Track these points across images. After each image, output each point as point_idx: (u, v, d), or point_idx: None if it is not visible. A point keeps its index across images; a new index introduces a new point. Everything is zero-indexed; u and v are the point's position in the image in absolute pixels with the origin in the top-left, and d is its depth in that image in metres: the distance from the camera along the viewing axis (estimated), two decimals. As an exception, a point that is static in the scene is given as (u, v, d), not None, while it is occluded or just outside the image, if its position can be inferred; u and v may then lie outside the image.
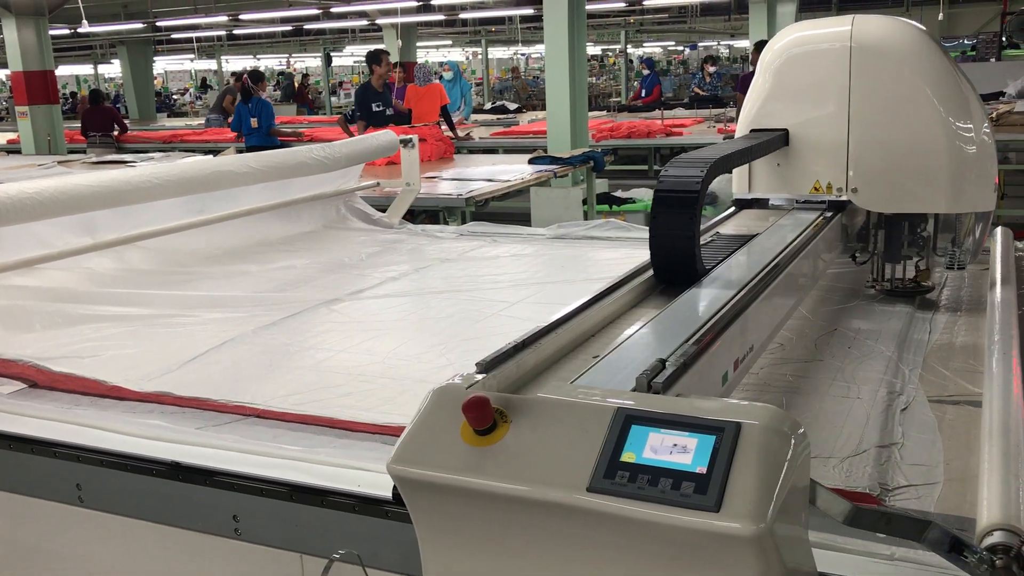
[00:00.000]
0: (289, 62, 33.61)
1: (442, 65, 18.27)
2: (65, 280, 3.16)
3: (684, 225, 2.00)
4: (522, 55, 33.90)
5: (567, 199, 7.52)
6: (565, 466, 1.15)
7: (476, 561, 1.25)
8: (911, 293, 2.90)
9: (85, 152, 11.54)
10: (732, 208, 2.90)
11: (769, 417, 1.14)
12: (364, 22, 19.10)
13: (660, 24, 26.21)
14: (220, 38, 24.74)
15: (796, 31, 2.82)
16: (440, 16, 17.78)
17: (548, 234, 4.18)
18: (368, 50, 9.93)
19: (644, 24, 25.80)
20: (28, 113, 12.17)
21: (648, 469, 1.11)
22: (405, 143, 4.61)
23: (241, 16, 15.93)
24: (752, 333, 1.90)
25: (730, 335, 1.74)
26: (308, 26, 20.86)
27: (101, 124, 12.68)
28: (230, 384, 2.31)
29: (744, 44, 25.05)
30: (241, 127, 9.95)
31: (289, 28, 20.84)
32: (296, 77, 26.93)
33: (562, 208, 7.36)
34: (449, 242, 4.14)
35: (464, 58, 32.15)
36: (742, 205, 2.90)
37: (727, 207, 2.93)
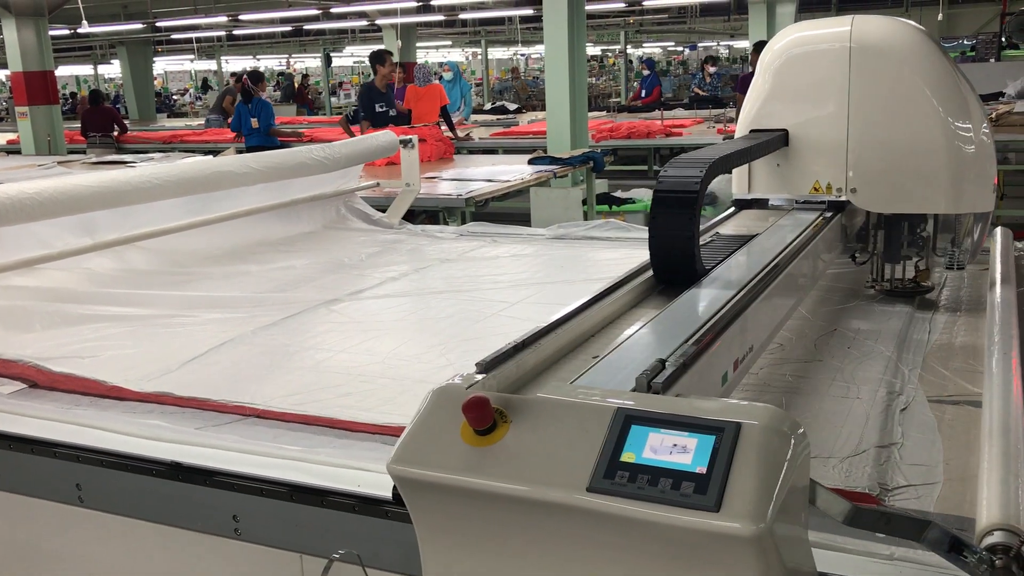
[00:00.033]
0: (289, 63, 33.61)
1: (442, 65, 18.28)
2: (65, 280, 3.16)
3: (684, 225, 2.00)
4: (522, 55, 33.90)
5: (567, 199, 7.52)
6: (565, 466, 1.15)
7: (476, 561, 1.25)
8: (911, 293, 2.91)
9: (85, 152, 11.54)
10: (732, 208, 2.90)
11: (769, 417, 1.14)
12: (364, 22, 19.11)
13: (660, 24, 26.22)
14: (220, 38, 24.74)
15: (796, 31, 2.82)
16: (440, 16, 17.79)
17: (548, 234, 4.18)
18: (371, 50, 9.93)
19: (644, 24, 25.80)
20: (28, 113, 12.17)
21: (648, 469, 1.12)
22: (405, 143, 4.61)
23: (241, 16, 15.92)
24: (752, 333, 1.90)
25: (730, 335, 1.74)
26: (308, 27, 20.86)
27: (101, 124, 12.68)
28: (230, 384, 2.31)
29: (744, 44, 25.06)
30: (241, 127, 9.95)
31: (289, 28, 20.84)
32: (296, 78, 26.93)
33: (562, 208, 7.36)
34: (449, 242, 4.14)
35: (464, 58, 32.16)
36: (742, 205, 2.90)
37: (727, 207, 2.93)
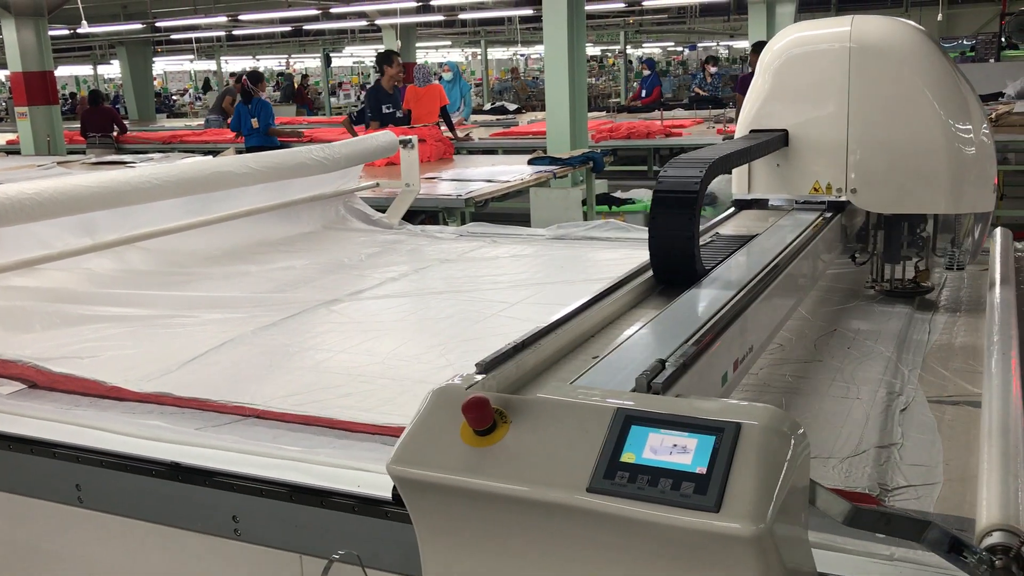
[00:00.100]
0: (288, 63, 33.62)
1: (441, 66, 18.27)
2: (65, 281, 3.16)
3: (683, 226, 2.00)
4: (521, 56, 33.90)
5: (566, 200, 7.52)
6: (565, 466, 1.15)
7: (476, 561, 1.25)
8: (910, 294, 2.91)
9: (84, 153, 11.54)
10: (731, 209, 2.90)
11: (769, 417, 1.14)
12: (363, 23, 19.11)
13: (659, 25, 26.23)
14: (219, 39, 24.74)
15: (795, 32, 2.82)
16: (439, 17, 17.79)
17: (547, 235, 4.18)
18: (376, 51, 9.91)
19: (643, 25, 25.80)
20: (27, 114, 12.16)
21: (648, 469, 1.11)
22: (404, 144, 4.61)
23: (240, 17, 15.91)
24: (752, 334, 1.90)
25: (730, 336, 1.74)
26: (307, 27, 20.86)
27: (100, 125, 12.68)
28: (230, 385, 2.31)
29: (743, 45, 25.07)
30: (241, 128, 9.96)
31: (288, 29, 20.84)
32: (296, 78, 26.94)
33: (561, 209, 7.36)
34: (449, 243, 4.14)
35: (463, 59, 32.16)
36: (741, 206, 2.90)
37: (726, 208, 2.93)
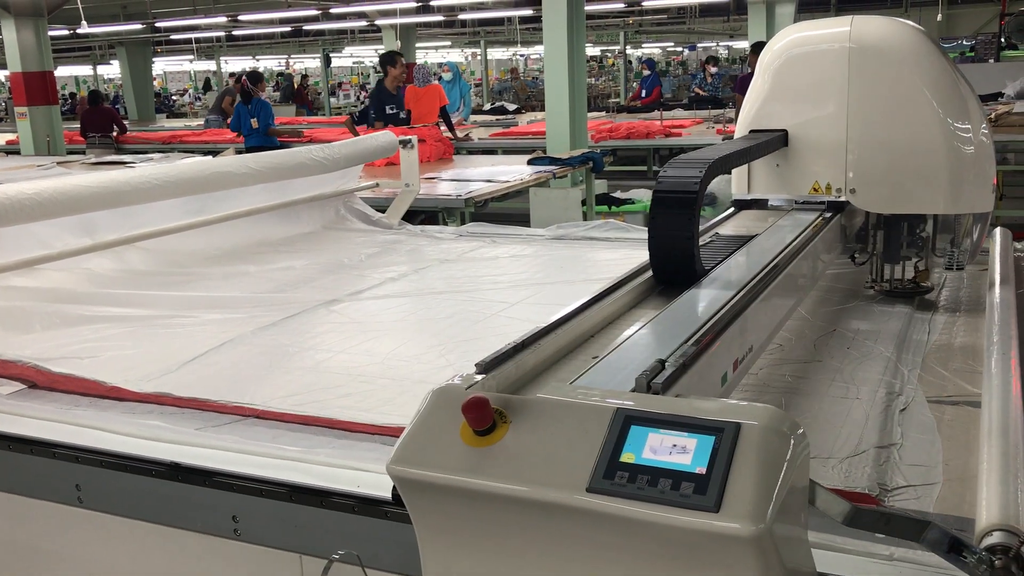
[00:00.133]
0: (288, 63, 33.62)
1: (441, 66, 18.27)
2: (64, 281, 3.16)
3: (683, 226, 2.00)
4: (521, 56, 33.90)
5: (566, 200, 7.52)
6: (564, 466, 1.15)
7: (476, 561, 1.25)
8: (910, 294, 2.91)
9: (84, 153, 11.54)
10: (731, 209, 2.90)
11: (768, 417, 1.14)
12: (363, 23, 19.11)
13: (659, 25, 26.24)
14: (219, 39, 24.74)
15: (795, 32, 2.82)
16: (439, 17, 17.79)
17: (547, 235, 4.18)
18: (380, 52, 9.90)
19: (643, 25, 25.82)
20: (27, 114, 12.16)
21: (648, 469, 1.12)
22: (404, 144, 4.61)
23: (240, 17, 15.91)
24: (751, 334, 1.90)
25: (729, 336, 1.74)
26: (307, 27, 20.85)
27: (100, 125, 12.68)
28: (229, 385, 2.31)
29: (743, 45, 25.08)
30: (241, 128, 9.96)
31: (288, 29, 20.83)
32: (295, 78, 26.94)
33: (561, 209, 7.36)
34: (448, 243, 4.14)
35: (463, 59, 32.16)
36: (741, 206, 2.90)
37: (726, 208, 2.93)
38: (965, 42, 21.73)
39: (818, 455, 1.85)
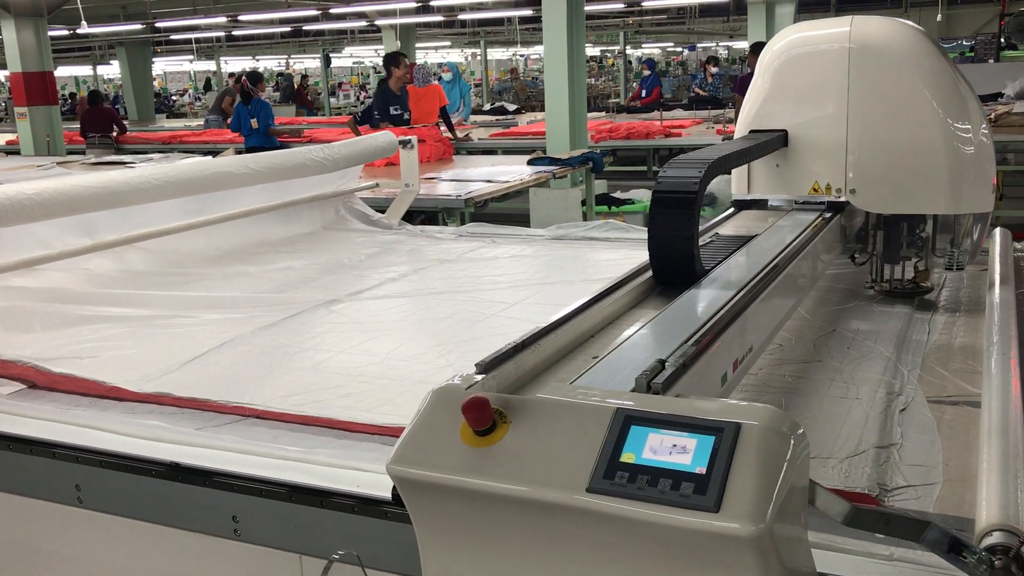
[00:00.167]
0: (288, 63, 33.61)
1: (441, 66, 18.28)
2: (64, 281, 3.16)
3: (683, 226, 2.00)
4: (521, 56, 33.90)
5: (566, 200, 7.52)
6: (564, 466, 1.15)
7: (476, 561, 1.25)
8: (910, 294, 2.91)
9: (84, 153, 11.55)
10: (731, 209, 2.90)
11: (768, 417, 1.14)
12: (363, 23, 19.10)
13: (659, 25, 26.24)
14: (219, 39, 24.73)
15: (795, 32, 2.82)
16: (439, 17, 17.79)
17: (547, 235, 4.18)
18: (378, 51, 9.87)
19: (643, 25, 25.81)
20: (27, 114, 12.16)
21: (647, 469, 1.12)
22: (404, 144, 4.61)
23: (240, 17, 15.91)
24: (751, 334, 1.91)
25: (729, 336, 1.75)
26: (307, 27, 20.84)
27: (100, 125, 12.68)
28: (229, 385, 2.31)
29: (743, 45, 25.08)
30: (241, 128, 9.95)
31: (288, 29, 20.82)
32: (295, 78, 26.95)
33: (561, 209, 7.36)
34: (448, 243, 4.14)
35: (463, 59, 32.16)
36: (741, 206, 2.90)
37: (726, 208, 2.93)
38: (965, 42, 21.74)
39: (818, 455, 1.85)
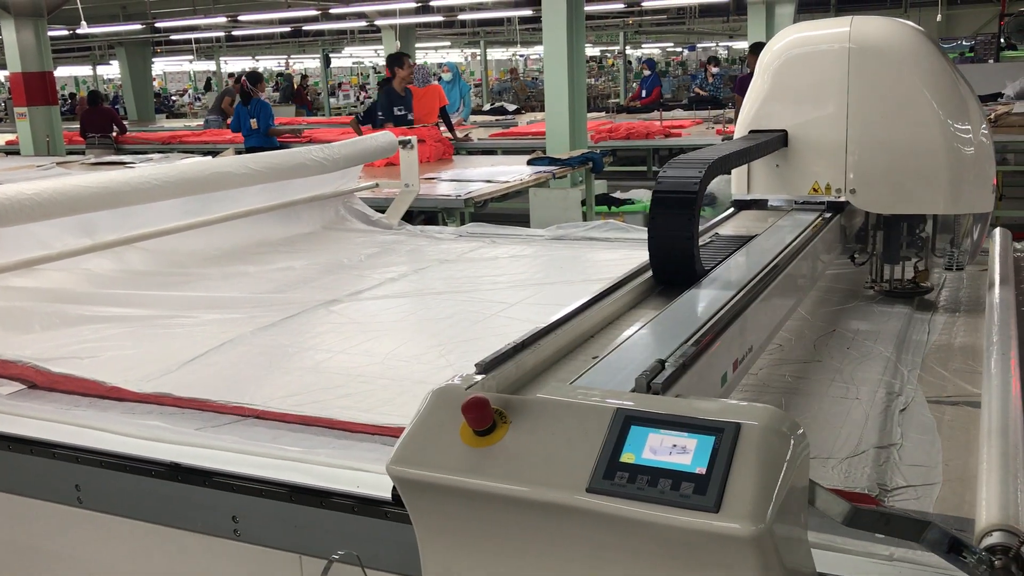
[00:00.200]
0: (288, 63, 33.62)
1: (441, 66, 18.29)
2: (64, 281, 3.16)
3: (683, 226, 2.00)
4: (521, 56, 33.90)
5: (566, 200, 7.52)
6: (564, 467, 1.15)
7: (475, 562, 1.25)
8: (910, 294, 2.91)
9: (84, 153, 11.55)
10: (731, 209, 2.90)
11: (768, 418, 1.14)
12: (363, 23, 19.10)
13: (659, 25, 26.23)
14: (219, 39, 24.72)
15: (795, 32, 2.82)
16: (439, 17, 17.78)
17: (547, 235, 4.18)
18: (389, 53, 9.88)
19: (643, 25, 25.81)
20: (27, 114, 12.16)
21: (647, 470, 1.11)
22: (404, 144, 4.61)
23: (240, 17, 15.91)
24: (751, 334, 1.90)
25: (729, 336, 1.75)
26: (307, 27, 20.84)
27: (100, 125, 12.69)
28: (229, 385, 2.31)
29: (743, 45, 25.08)
30: (241, 129, 9.95)
31: (288, 29, 20.82)
32: (295, 78, 26.95)
33: (561, 209, 7.36)
34: (448, 243, 4.14)
35: (463, 59, 32.16)
36: (741, 206, 2.90)
37: (726, 208, 2.93)
38: (965, 42, 21.74)
39: (818, 455, 1.85)
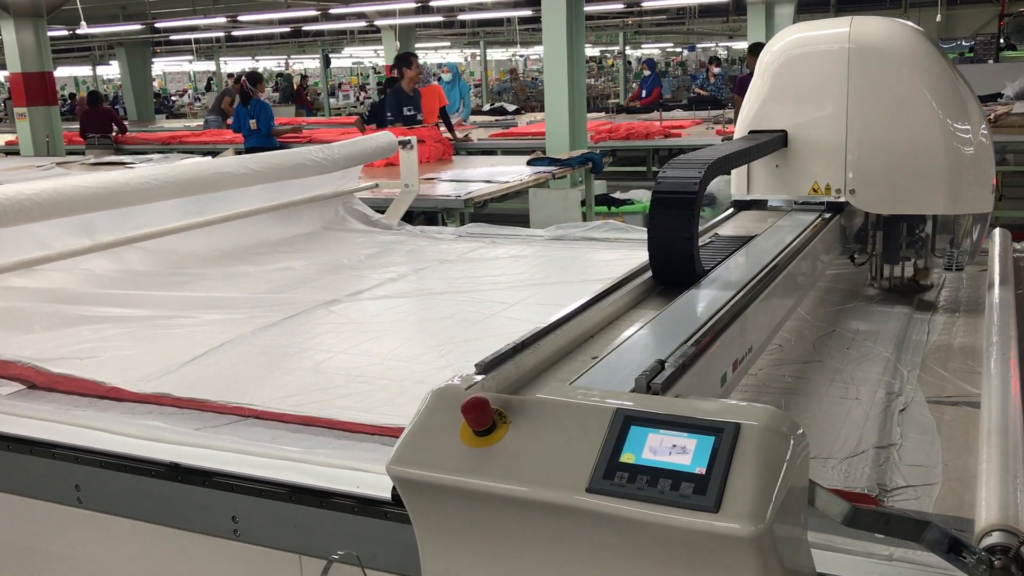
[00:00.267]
0: (287, 64, 33.62)
1: (440, 67, 18.29)
2: (64, 281, 3.16)
3: (682, 226, 2.00)
4: (521, 56, 33.91)
5: (566, 200, 7.53)
6: (564, 467, 1.15)
7: (475, 562, 1.25)
8: (910, 290, 2.91)
9: (84, 154, 11.55)
10: (730, 209, 2.90)
11: (768, 418, 1.14)
12: (362, 24, 19.09)
13: (658, 26, 26.22)
14: (219, 39, 24.72)
15: (794, 32, 2.82)
16: (439, 17, 17.78)
17: (547, 235, 4.18)
18: (385, 53, 9.87)
19: (642, 26, 25.81)
20: (27, 114, 12.16)
21: (647, 470, 1.12)
22: (403, 144, 4.62)
23: (240, 17, 15.91)
24: (751, 334, 1.91)
25: (729, 336, 1.75)
26: (306, 28, 20.84)
27: (100, 125, 12.69)
28: (229, 385, 2.31)
29: (742, 46, 25.09)
30: (241, 129, 9.94)
31: (287, 30, 20.81)
32: (295, 79, 26.95)
33: (561, 209, 7.36)
34: (448, 243, 4.14)
35: (462, 59, 32.16)
36: (740, 206, 2.90)
37: (725, 208, 2.93)
38: (964, 43, 21.74)
39: (818, 455, 1.85)
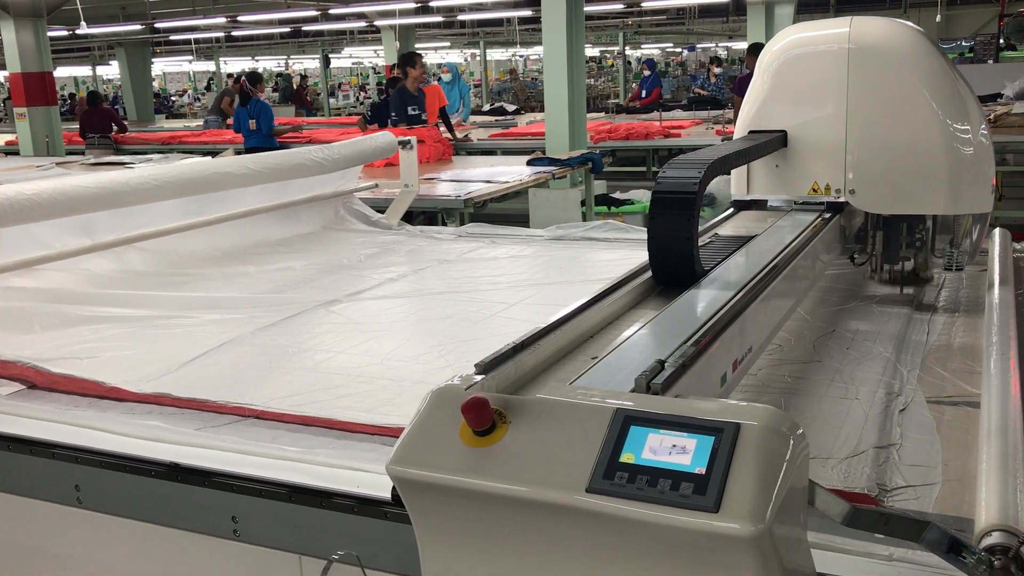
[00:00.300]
0: (287, 64, 33.62)
1: (440, 67, 18.29)
2: (64, 281, 3.16)
3: (682, 226, 2.00)
4: (520, 57, 33.92)
5: (565, 200, 7.53)
6: (564, 467, 1.15)
7: (475, 562, 1.25)
8: (911, 282, 2.92)
9: (83, 153, 11.55)
10: (730, 209, 2.91)
11: (768, 418, 1.14)
12: (362, 24, 19.10)
13: (658, 26, 26.22)
14: (218, 40, 24.72)
15: (794, 33, 2.82)
16: (438, 18, 17.80)
17: (546, 235, 4.18)
18: (401, 53, 9.87)
19: (642, 26, 25.80)
20: (26, 114, 12.16)
21: (647, 470, 1.12)
22: (403, 144, 4.62)
23: (239, 18, 15.91)
24: (751, 334, 1.91)
25: (729, 336, 1.75)
26: (306, 28, 20.84)
27: (99, 125, 12.69)
28: (229, 385, 2.31)
29: (742, 46, 25.08)
30: (241, 130, 9.94)
31: (287, 30, 20.81)
32: (294, 79, 26.95)
33: (560, 209, 7.37)
34: (448, 243, 4.14)
35: (462, 60, 32.17)
36: (740, 206, 2.90)
37: (725, 208, 2.93)
38: (964, 43, 21.75)
39: (818, 455, 1.85)
